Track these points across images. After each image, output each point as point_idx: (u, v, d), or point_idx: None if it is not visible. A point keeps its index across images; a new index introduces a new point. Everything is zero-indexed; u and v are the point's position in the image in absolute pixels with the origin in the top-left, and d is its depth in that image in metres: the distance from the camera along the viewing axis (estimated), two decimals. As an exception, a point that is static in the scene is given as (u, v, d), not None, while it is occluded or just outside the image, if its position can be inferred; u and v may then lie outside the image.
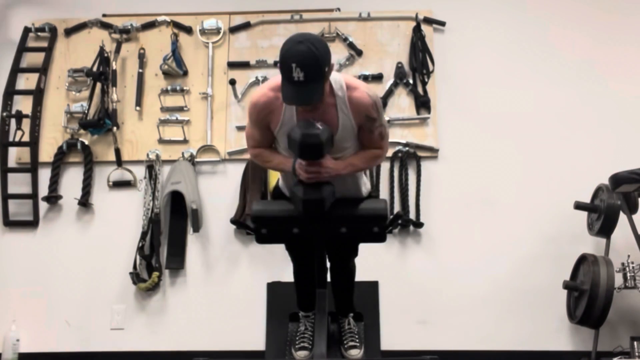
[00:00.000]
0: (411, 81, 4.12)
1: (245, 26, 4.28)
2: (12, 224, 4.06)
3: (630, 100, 4.07)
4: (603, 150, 3.98)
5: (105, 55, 4.15)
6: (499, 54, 4.20)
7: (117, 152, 4.05)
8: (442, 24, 4.24)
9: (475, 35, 4.23)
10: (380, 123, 2.59)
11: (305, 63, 2.29)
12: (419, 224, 3.92)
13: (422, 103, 4.07)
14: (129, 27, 4.25)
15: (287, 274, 3.25)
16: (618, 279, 3.41)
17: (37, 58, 4.25)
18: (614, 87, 4.09)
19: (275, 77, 2.53)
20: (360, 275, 3.11)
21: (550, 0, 4.28)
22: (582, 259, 3.60)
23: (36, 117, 4.12)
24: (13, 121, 4.11)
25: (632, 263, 3.44)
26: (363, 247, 2.91)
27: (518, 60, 4.18)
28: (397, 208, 3.94)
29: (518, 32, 4.23)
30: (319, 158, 2.48)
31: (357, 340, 3.12)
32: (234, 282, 3.93)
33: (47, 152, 4.12)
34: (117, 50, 4.20)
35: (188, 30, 4.27)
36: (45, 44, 4.27)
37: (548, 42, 4.20)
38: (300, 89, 2.31)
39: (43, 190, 4.06)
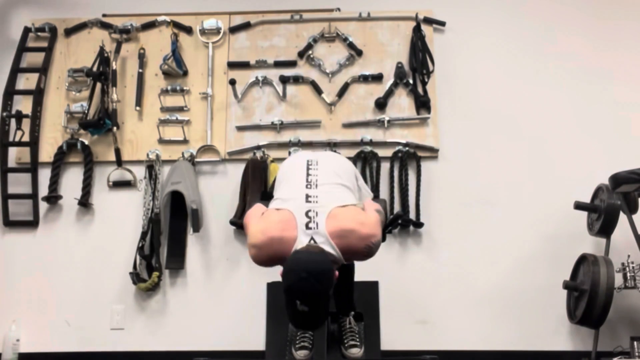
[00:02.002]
0: (411, 81, 4.12)
1: (245, 26, 4.28)
2: (12, 224, 4.06)
3: (630, 101, 4.07)
4: (603, 150, 3.98)
5: (105, 55, 4.15)
6: (499, 54, 4.20)
7: (117, 152, 4.05)
8: (442, 24, 4.24)
9: (475, 35, 4.23)
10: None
11: (308, 300, 2.34)
12: (419, 224, 3.92)
13: (422, 103, 4.07)
14: (129, 27, 4.25)
15: (287, 274, 3.25)
16: (618, 279, 3.41)
17: (37, 58, 4.25)
18: (613, 88, 4.10)
19: (269, 221, 2.50)
20: (360, 275, 3.10)
21: (550, 1, 4.29)
22: (582, 259, 3.60)
23: (36, 117, 4.12)
24: (13, 121, 4.11)
25: (632, 263, 3.44)
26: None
27: (518, 60, 4.18)
28: (397, 208, 3.94)
29: (518, 32, 4.23)
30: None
31: (358, 340, 3.12)
32: (234, 282, 3.93)
33: (47, 152, 4.12)
34: (117, 50, 4.20)
35: (188, 30, 4.27)
36: (45, 44, 4.27)
37: (548, 42, 4.20)
38: (305, 317, 2.39)
39: (43, 190, 4.06)
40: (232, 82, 4.04)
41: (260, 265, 2.55)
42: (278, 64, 4.19)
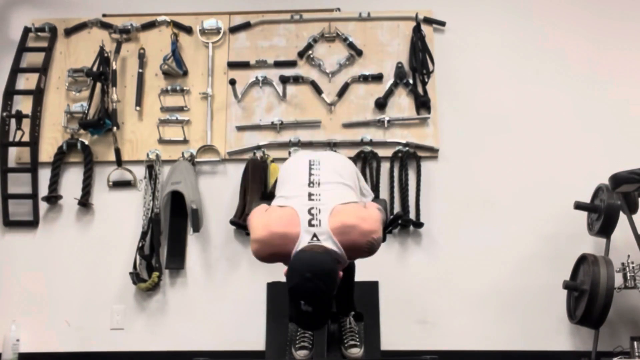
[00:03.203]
0: (411, 81, 4.12)
1: (245, 26, 4.28)
2: (12, 224, 4.06)
3: (630, 101, 4.08)
4: (603, 150, 3.98)
5: (105, 55, 4.15)
6: (499, 54, 4.20)
7: (117, 152, 4.05)
8: (442, 24, 4.24)
9: (475, 35, 4.24)
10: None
11: (312, 300, 2.33)
12: (419, 224, 3.92)
13: (422, 103, 4.07)
14: (129, 27, 4.25)
15: (287, 274, 3.25)
16: (618, 279, 3.41)
17: (37, 58, 4.25)
18: (614, 88, 4.10)
19: (272, 220, 2.50)
20: (360, 275, 3.10)
21: (550, 1, 4.29)
22: (582, 259, 3.60)
23: (36, 117, 4.12)
24: (13, 121, 4.11)
25: (632, 263, 3.44)
26: (363, 247, 2.91)
27: (518, 60, 4.18)
28: (397, 208, 3.94)
29: (518, 32, 4.24)
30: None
31: (358, 340, 3.12)
32: (234, 282, 3.93)
33: (47, 152, 4.12)
34: (117, 50, 4.20)
35: (188, 30, 4.27)
36: (45, 44, 4.27)
37: (548, 42, 4.20)
38: (309, 318, 2.38)
39: (43, 190, 4.06)
40: (232, 82, 4.04)
41: (261, 261, 2.54)
42: (278, 64, 4.19)
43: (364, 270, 3.12)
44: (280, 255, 2.46)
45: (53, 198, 4.03)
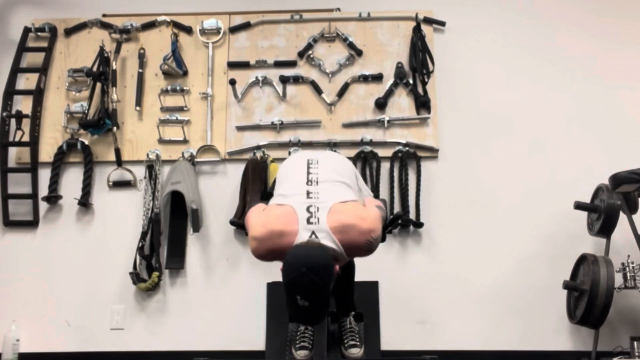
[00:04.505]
0: (411, 81, 4.12)
1: (245, 26, 4.28)
2: (12, 224, 4.06)
3: (631, 101, 4.08)
4: (603, 150, 3.98)
5: (105, 55, 4.15)
6: (499, 54, 4.20)
7: (117, 152, 4.05)
8: (442, 24, 4.24)
9: (475, 35, 4.24)
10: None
11: (309, 295, 2.33)
12: (419, 224, 3.92)
13: (422, 103, 4.07)
14: (129, 27, 4.25)
15: (287, 274, 3.25)
16: (618, 279, 3.41)
17: (37, 58, 4.25)
18: (614, 88, 4.10)
19: (268, 216, 2.51)
20: (360, 275, 3.11)
21: (550, 1, 4.29)
22: (582, 259, 3.60)
23: (36, 117, 4.13)
24: (13, 121, 4.11)
25: (632, 263, 3.44)
26: (363, 247, 2.91)
27: (518, 60, 4.18)
28: (397, 208, 3.94)
29: (518, 32, 4.24)
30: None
31: (358, 340, 3.12)
32: (234, 282, 3.93)
33: (47, 152, 4.12)
34: (117, 50, 4.20)
35: (188, 30, 4.27)
36: (45, 44, 4.27)
37: (548, 42, 4.20)
38: (306, 312, 2.37)
39: (43, 190, 4.06)
40: (232, 82, 4.04)
41: (259, 259, 2.54)
42: (278, 64, 4.19)
43: (364, 270, 3.12)
44: (279, 252, 2.45)
45: (53, 198, 4.03)
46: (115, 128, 4.05)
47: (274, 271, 3.77)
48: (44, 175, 4.08)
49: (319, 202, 2.50)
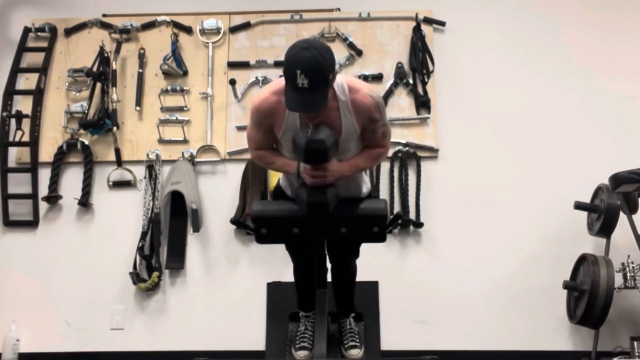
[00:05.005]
0: (411, 81, 4.12)
1: (245, 26, 4.28)
2: (12, 224, 4.06)
3: (631, 101, 4.07)
4: (603, 150, 3.98)
5: (105, 55, 4.15)
6: (499, 54, 4.20)
7: (117, 152, 4.05)
8: (442, 24, 4.24)
9: (475, 35, 4.23)
10: (383, 122, 2.59)
11: (310, 70, 2.28)
12: (419, 224, 3.92)
13: (422, 103, 4.07)
14: (129, 27, 4.25)
15: (287, 274, 3.25)
16: (618, 279, 3.41)
17: (37, 58, 4.25)
18: (614, 88, 4.09)
19: (277, 80, 2.54)
20: (360, 275, 3.11)
21: (550, 1, 4.29)
22: (582, 259, 3.60)
23: (36, 117, 4.12)
24: (13, 121, 4.11)
25: (632, 263, 3.44)
26: (363, 247, 2.91)
27: (518, 60, 4.18)
28: (397, 208, 3.94)
29: (518, 32, 4.23)
30: (324, 162, 2.48)
31: (358, 340, 3.12)
32: (234, 282, 3.93)
33: (47, 152, 4.12)
34: (117, 50, 4.20)
35: (188, 30, 4.27)
36: (45, 44, 4.27)
37: (548, 42, 4.20)
38: (304, 95, 2.30)
39: (43, 190, 4.06)
40: (232, 82, 4.04)
41: (258, 116, 2.54)
42: (278, 64, 4.18)
43: (364, 270, 3.12)
44: (278, 109, 2.45)
45: (53, 198, 4.03)
46: (115, 128, 4.05)
47: (274, 271, 3.81)
48: (44, 175, 4.08)
49: None
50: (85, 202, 4.02)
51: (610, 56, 4.16)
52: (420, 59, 4.11)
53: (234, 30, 4.27)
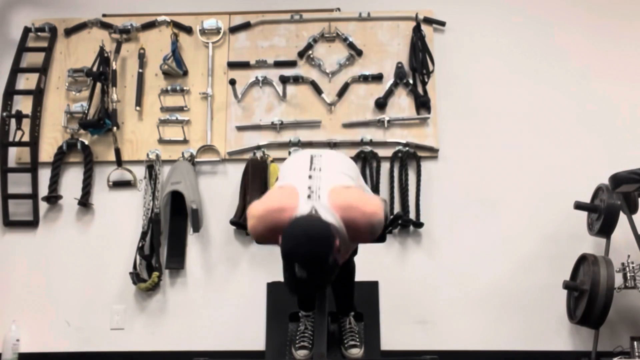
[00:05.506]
0: (411, 81, 4.12)
1: (245, 26, 4.28)
2: (12, 224, 4.06)
3: (631, 101, 4.08)
4: (603, 150, 3.98)
5: (105, 55, 4.15)
6: (499, 54, 4.20)
7: (117, 152, 4.05)
8: (442, 24, 4.24)
9: (475, 35, 4.24)
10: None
11: (307, 264, 2.21)
12: (419, 224, 3.91)
13: (422, 103, 4.07)
14: (129, 27, 4.25)
15: (287, 274, 3.25)
16: (618, 279, 3.41)
17: (37, 58, 4.25)
18: (614, 88, 4.10)
19: (271, 200, 2.45)
20: (360, 275, 3.10)
21: (550, 1, 4.29)
22: (582, 259, 3.60)
23: (36, 117, 4.12)
24: (13, 121, 4.11)
25: (632, 263, 3.44)
26: (363, 247, 2.91)
27: (518, 60, 4.18)
28: (397, 208, 3.94)
29: (518, 32, 4.24)
30: None
31: (358, 340, 3.12)
32: (234, 282, 3.93)
33: (47, 152, 4.12)
34: (117, 50, 4.20)
35: (188, 30, 4.27)
36: (45, 44, 4.27)
37: (548, 43, 4.20)
38: (303, 283, 2.26)
39: (43, 190, 4.06)
40: (232, 82, 4.04)
41: (257, 238, 2.47)
42: (278, 64, 4.19)
43: (364, 270, 3.12)
44: (278, 229, 2.31)
45: (53, 198, 4.03)
46: (115, 128, 4.05)
47: (274, 271, 3.78)
48: (44, 175, 4.08)
49: (321, 182, 2.41)
50: (85, 202, 4.02)
51: (610, 57, 4.16)
52: (420, 59, 4.11)
53: (234, 30, 4.27)
